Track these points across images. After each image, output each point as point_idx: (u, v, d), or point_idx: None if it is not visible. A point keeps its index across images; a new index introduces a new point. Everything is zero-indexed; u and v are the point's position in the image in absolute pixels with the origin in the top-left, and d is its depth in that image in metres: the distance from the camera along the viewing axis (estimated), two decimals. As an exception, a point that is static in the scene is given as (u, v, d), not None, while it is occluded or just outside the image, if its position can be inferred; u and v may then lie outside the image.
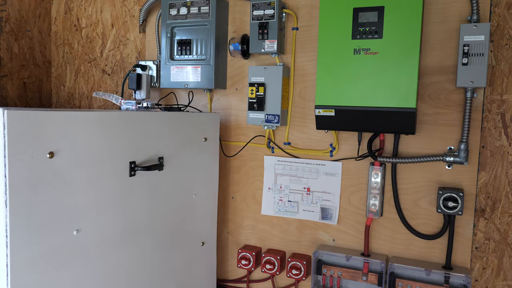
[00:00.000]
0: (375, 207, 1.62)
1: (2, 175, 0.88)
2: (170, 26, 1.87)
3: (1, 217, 0.89)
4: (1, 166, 0.88)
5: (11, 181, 0.89)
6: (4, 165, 0.88)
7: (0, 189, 0.89)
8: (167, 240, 1.46)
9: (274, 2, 1.67)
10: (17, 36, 2.14)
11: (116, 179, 1.20)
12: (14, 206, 0.90)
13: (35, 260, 0.96)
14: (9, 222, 0.89)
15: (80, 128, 1.06)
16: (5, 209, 0.89)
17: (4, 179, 0.88)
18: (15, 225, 0.90)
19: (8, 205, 0.89)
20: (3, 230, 0.89)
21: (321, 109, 1.55)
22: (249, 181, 1.90)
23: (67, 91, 2.31)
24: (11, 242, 0.90)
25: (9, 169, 0.88)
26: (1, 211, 0.89)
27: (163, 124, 1.40)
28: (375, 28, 1.46)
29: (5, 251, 0.90)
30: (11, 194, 0.89)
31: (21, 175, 0.91)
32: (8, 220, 0.89)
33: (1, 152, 0.88)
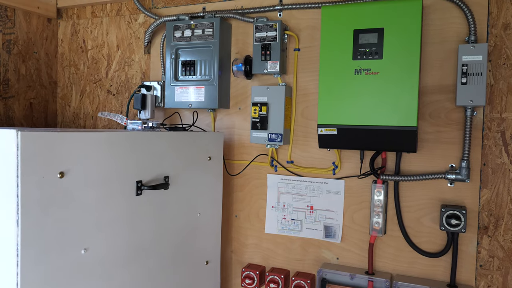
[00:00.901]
0: (378, 225, 1.63)
1: (15, 194, 0.90)
2: (174, 47, 1.92)
3: (13, 236, 0.91)
4: (14, 186, 0.90)
5: (23, 200, 0.91)
6: (17, 185, 0.90)
7: (12, 208, 0.90)
8: (172, 259, 1.47)
9: (276, 24, 1.72)
10: (25, 57, 2.19)
11: (123, 199, 1.22)
12: (25, 226, 0.91)
13: (45, 279, 0.97)
14: (20, 241, 0.91)
15: (90, 149, 1.08)
16: (16, 228, 0.90)
17: (16, 198, 0.90)
18: (26, 244, 0.92)
19: (20, 224, 0.90)
20: (14, 249, 0.91)
21: (324, 128, 1.58)
22: (253, 199, 1.92)
23: (72, 111, 2.35)
24: (21, 261, 0.91)
25: (21, 189, 0.90)
26: (12, 230, 0.91)
27: (168, 143, 1.43)
28: (375, 49, 1.49)
29: (16, 270, 0.91)
30: (22, 214, 0.91)
31: (32, 195, 0.93)
32: (19, 239, 0.90)
33: (14, 172, 0.90)
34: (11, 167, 0.90)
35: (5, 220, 0.91)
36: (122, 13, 2.19)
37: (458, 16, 1.54)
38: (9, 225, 0.91)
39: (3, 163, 0.91)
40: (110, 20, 2.22)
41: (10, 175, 0.91)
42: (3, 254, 0.92)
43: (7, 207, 0.91)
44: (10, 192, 0.91)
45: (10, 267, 0.91)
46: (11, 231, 0.91)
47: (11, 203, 0.91)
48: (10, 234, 0.91)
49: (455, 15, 1.55)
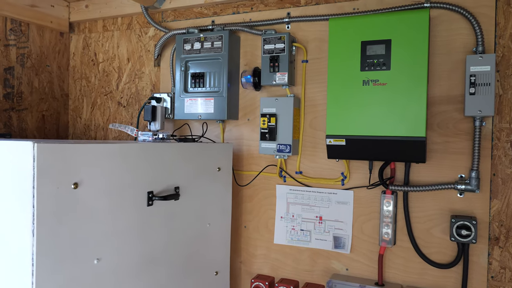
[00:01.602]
0: (388, 235, 1.62)
1: (30, 205, 0.92)
2: (184, 60, 1.95)
3: (28, 246, 0.92)
4: (30, 197, 0.92)
5: (39, 211, 0.93)
6: (33, 195, 0.92)
7: (28, 218, 0.92)
8: (182, 269, 1.48)
9: (284, 36, 1.74)
10: (38, 71, 2.23)
11: (135, 209, 1.23)
12: (41, 236, 0.93)
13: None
14: (36, 250, 0.92)
15: (103, 160, 1.10)
16: (32, 238, 0.92)
17: (32, 209, 0.92)
18: (41, 254, 0.94)
19: (35, 234, 0.92)
20: (30, 259, 0.92)
21: (332, 139, 1.59)
22: (262, 210, 1.92)
23: (83, 123, 2.38)
24: (37, 271, 0.93)
25: (37, 200, 0.92)
26: (28, 240, 0.92)
27: (178, 154, 1.45)
28: (383, 60, 1.51)
29: (31, 279, 0.93)
30: (38, 224, 0.92)
31: (47, 205, 0.95)
32: (34, 249, 0.92)
33: (30, 183, 0.92)
34: (27, 178, 0.92)
35: (21, 230, 0.93)
36: (133, 26, 2.23)
37: (465, 27, 1.55)
38: (25, 234, 0.93)
39: (20, 174, 0.94)
40: (121, 33, 2.27)
41: (26, 185, 0.93)
42: (19, 263, 0.94)
43: (23, 217, 0.93)
44: (26, 202, 0.93)
45: (25, 276, 0.93)
46: (26, 240, 0.93)
47: (27, 213, 0.93)
48: (26, 243, 0.93)
49: (462, 26, 1.56)
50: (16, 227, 0.95)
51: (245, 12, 1.94)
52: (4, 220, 0.97)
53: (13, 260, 0.96)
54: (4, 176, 0.97)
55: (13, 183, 0.95)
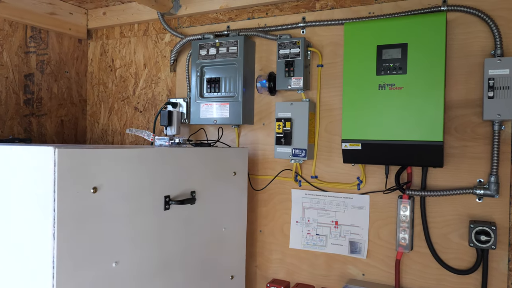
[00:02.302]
0: (405, 240, 1.61)
1: (51, 209, 0.94)
2: (200, 65, 1.97)
3: (49, 248, 0.94)
4: (51, 201, 0.94)
5: (59, 214, 0.94)
6: (53, 199, 0.94)
7: (48, 222, 0.94)
8: (198, 273, 1.49)
9: (299, 41, 1.75)
10: (57, 77, 2.28)
11: (152, 213, 1.25)
12: (61, 239, 0.95)
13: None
14: (56, 254, 0.94)
15: (122, 164, 1.12)
16: (52, 241, 0.94)
17: (53, 212, 0.94)
18: (61, 257, 0.95)
19: (56, 237, 0.94)
20: (50, 261, 0.94)
21: (348, 143, 1.58)
22: (277, 214, 1.92)
23: (101, 127, 2.42)
24: (57, 273, 0.94)
25: (58, 203, 0.94)
26: (49, 243, 0.94)
27: (195, 159, 1.46)
28: (399, 64, 1.50)
29: (52, 281, 0.94)
30: (58, 227, 0.94)
31: (68, 209, 0.96)
32: (55, 252, 0.94)
33: (51, 187, 0.94)
34: (48, 182, 0.94)
35: (42, 233, 0.95)
36: (149, 33, 2.26)
37: (482, 30, 1.54)
38: (46, 238, 0.95)
39: (41, 179, 0.96)
40: (137, 39, 2.30)
41: (47, 190, 0.95)
42: (40, 265, 0.96)
43: (44, 221, 0.95)
44: (47, 206, 0.95)
45: (46, 279, 0.95)
46: (47, 243, 0.94)
47: (47, 216, 0.94)
48: (47, 246, 0.95)
49: (479, 29, 1.54)
50: (37, 230, 0.97)
51: (260, 17, 1.95)
52: (26, 223, 1.00)
53: (34, 263, 0.98)
54: (26, 180, 0.99)
55: (35, 187, 0.97)
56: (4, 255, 1.05)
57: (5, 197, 1.04)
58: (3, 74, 2.02)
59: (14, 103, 2.07)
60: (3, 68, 2.02)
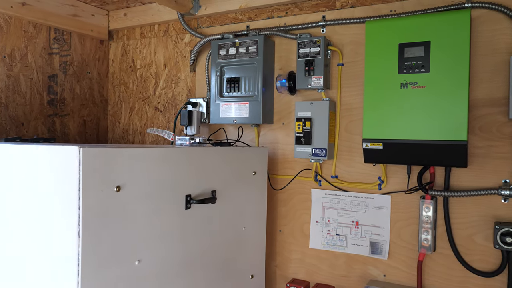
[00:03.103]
0: (427, 242, 1.58)
1: (76, 207, 0.96)
2: (219, 65, 1.97)
3: (74, 246, 0.96)
4: (76, 199, 0.96)
5: (84, 213, 0.96)
6: (78, 198, 0.95)
7: (74, 220, 0.96)
8: (219, 272, 1.49)
9: (319, 40, 1.74)
10: (79, 77, 2.32)
11: (174, 212, 1.26)
12: (86, 236, 0.97)
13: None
14: (81, 251, 0.96)
15: (144, 164, 1.13)
16: (77, 239, 0.96)
17: (78, 211, 0.95)
18: (86, 254, 0.97)
19: (81, 235, 0.96)
20: (75, 259, 0.96)
21: (369, 143, 1.57)
22: (297, 214, 1.92)
23: (122, 127, 2.45)
24: (82, 270, 0.96)
25: (83, 202, 0.96)
26: (74, 241, 0.96)
27: (215, 158, 1.46)
28: (422, 62, 1.48)
29: (77, 278, 0.96)
30: (83, 225, 0.96)
31: (92, 207, 0.98)
32: (80, 250, 0.96)
33: (76, 186, 0.96)
34: (73, 181, 0.96)
35: (67, 231, 0.97)
36: (169, 33, 2.28)
37: (508, 27, 1.50)
38: (71, 235, 0.96)
39: (66, 177, 0.98)
40: (158, 40, 2.32)
41: (72, 188, 0.97)
42: (65, 263, 0.98)
43: (69, 219, 0.97)
44: (72, 204, 0.96)
45: (71, 275, 0.97)
46: (72, 241, 0.96)
47: (73, 214, 0.96)
48: (72, 244, 0.96)
49: (505, 26, 1.51)
50: (62, 228, 0.99)
51: (279, 16, 1.94)
52: (51, 221, 1.02)
53: (59, 260, 1.00)
54: (52, 179, 1.02)
55: (60, 185, 0.99)
56: (31, 252, 1.07)
57: (31, 195, 1.07)
58: (28, 75, 2.07)
59: (38, 103, 2.11)
60: (27, 69, 2.06)
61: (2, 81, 1.95)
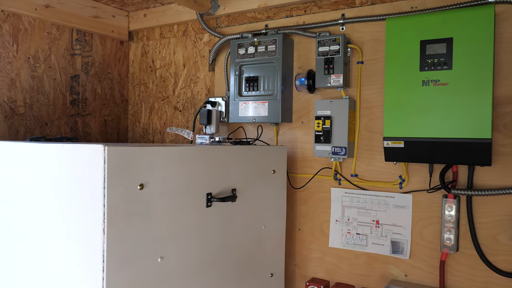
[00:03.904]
0: (450, 241, 1.56)
1: (101, 204, 0.97)
2: (238, 64, 1.98)
3: (99, 243, 0.98)
4: (101, 196, 0.97)
5: (109, 210, 0.98)
6: (103, 195, 0.97)
7: (99, 217, 0.98)
8: (239, 270, 1.50)
9: (339, 38, 1.73)
10: (100, 78, 2.36)
11: (195, 210, 1.27)
12: (110, 233, 0.98)
13: (126, 285, 1.04)
14: (106, 248, 0.98)
15: (166, 162, 1.15)
16: (102, 236, 0.98)
17: (103, 208, 0.97)
18: (111, 251, 0.99)
19: (106, 232, 0.97)
20: (100, 256, 0.98)
21: (390, 141, 1.55)
22: (316, 213, 1.91)
23: (142, 127, 2.48)
24: (107, 267, 0.98)
25: (107, 199, 0.97)
26: (99, 238, 0.98)
27: (235, 157, 1.47)
28: (444, 59, 1.46)
29: (102, 275, 0.98)
30: (108, 222, 0.98)
31: (116, 205, 1.00)
32: (105, 246, 0.97)
33: (101, 184, 0.97)
34: (98, 179, 0.98)
35: (93, 228, 0.99)
36: (188, 33, 2.30)
37: (534, 22, 1.47)
38: (96, 232, 0.98)
39: (91, 175, 0.99)
40: (177, 40, 2.34)
41: (97, 186, 0.98)
42: (91, 259, 1.00)
43: (94, 216, 0.99)
44: (97, 202, 0.98)
45: (96, 272, 0.99)
46: (98, 238, 0.98)
47: (98, 212, 0.98)
48: (97, 241, 0.98)
49: (531, 21, 1.47)
50: (88, 225, 1.01)
51: (298, 15, 1.94)
52: (77, 218, 1.04)
53: (85, 257, 1.02)
54: (77, 177, 1.04)
55: (85, 183, 1.01)
56: (56, 249, 1.09)
57: (57, 192, 1.09)
58: (51, 76, 2.11)
59: (61, 103, 2.16)
60: (51, 70, 2.11)
61: (27, 82, 2.00)
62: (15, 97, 1.95)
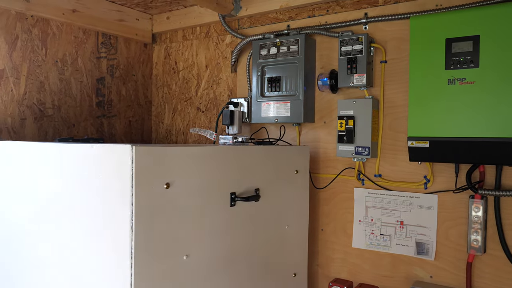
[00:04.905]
0: (477, 243, 1.53)
1: (129, 203, 1.00)
2: (260, 65, 1.99)
3: (127, 240, 1.00)
4: (129, 195, 1.00)
5: (137, 208, 1.00)
6: (131, 194, 1.00)
7: (127, 215, 1.00)
8: (262, 270, 1.51)
9: (362, 37, 1.72)
10: (125, 80, 2.41)
11: (219, 209, 1.28)
12: (138, 231, 1.01)
13: (153, 281, 1.06)
14: (134, 245, 1.00)
15: (191, 162, 1.16)
16: (130, 233, 1.00)
17: (131, 206, 1.00)
18: (138, 249, 1.01)
19: (134, 230, 1.00)
20: (129, 252, 1.00)
21: (414, 141, 1.54)
22: (339, 213, 1.90)
23: (165, 128, 2.52)
24: (135, 264, 1.00)
25: (135, 198, 1.00)
26: (127, 235, 1.00)
27: (258, 157, 1.48)
28: (470, 57, 1.43)
29: (130, 271, 1.00)
30: (136, 220, 1.00)
31: (144, 203, 1.02)
32: (133, 244, 1.00)
33: (129, 183, 1.00)
34: (126, 178, 1.00)
35: (121, 226, 1.01)
36: (210, 35, 2.33)
37: None
38: (125, 230, 1.01)
39: (119, 175, 1.02)
40: (199, 42, 2.37)
41: (125, 185, 1.01)
42: (119, 256, 1.02)
43: (123, 214, 1.01)
44: (125, 200, 1.01)
45: (125, 268, 1.01)
46: (126, 236, 1.00)
47: (126, 210, 1.00)
48: (125, 238, 1.01)
49: (561, 17, 1.43)
50: (116, 223, 1.03)
51: (320, 15, 1.94)
52: (105, 216, 1.07)
53: (113, 253, 1.04)
54: (105, 176, 1.06)
55: (113, 182, 1.04)
56: (86, 247, 1.13)
57: (85, 192, 1.12)
58: (78, 79, 2.17)
59: (87, 105, 2.21)
60: (78, 73, 2.16)
61: (55, 85, 2.06)
62: (44, 100, 2.01)
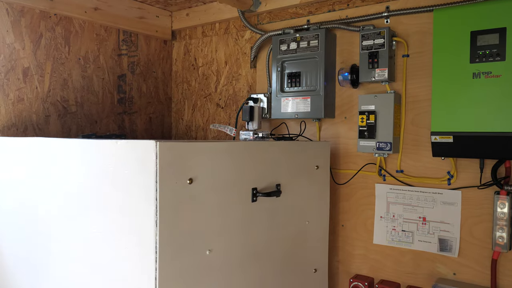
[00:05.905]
0: (502, 239, 1.50)
1: (154, 198, 1.01)
2: (280, 60, 1.98)
3: (152, 235, 1.02)
4: (153, 190, 1.01)
5: (161, 203, 1.01)
6: (156, 189, 1.01)
7: (151, 210, 1.01)
8: (284, 265, 1.51)
9: (384, 31, 1.70)
10: (145, 77, 2.43)
11: (241, 204, 1.29)
12: (162, 226, 1.02)
13: (178, 275, 1.07)
14: (158, 239, 1.01)
15: (214, 157, 1.17)
16: (155, 228, 1.01)
17: (155, 201, 1.01)
18: (163, 243, 1.02)
19: (158, 224, 1.01)
20: (153, 247, 1.02)
21: (438, 136, 1.51)
22: (360, 209, 1.89)
23: (185, 124, 2.54)
24: (159, 258, 1.02)
25: (160, 193, 1.01)
26: (151, 230, 1.02)
27: (279, 152, 1.48)
28: (497, 50, 1.40)
29: (154, 265, 1.02)
30: (160, 215, 1.01)
31: (168, 198, 1.03)
32: (157, 238, 1.01)
33: (153, 178, 1.01)
34: (151, 173, 1.02)
35: (146, 220, 1.03)
36: (230, 31, 2.33)
37: None
38: (149, 225, 1.02)
39: (144, 170, 1.03)
40: (218, 38, 2.38)
41: (149, 180, 1.02)
42: (144, 250, 1.04)
43: (147, 209, 1.02)
44: (150, 195, 1.02)
45: (150, 262, 1.02)
46: (151, 230, 1.02)
47: (150, 205, 1.02)
48: (150, 233, 1.02)
49: None
50: (141, 218, 1.05)
51: (341, 9, 1.92)
52: (131, 211, 1.08)
53: (138, 248, 1.06)
54: (130, 172, 1.08)
55: (138, 178, 1.05)
56: (110, 241, 1.15)
57: (110, 187, 1.14)
58: (100, 76, 2.20)
59: (109, 102, 2.24)
60: (100, 70, 2.20)
61: (78, 82, 2.09)
62: (67, 97, 2.05)
